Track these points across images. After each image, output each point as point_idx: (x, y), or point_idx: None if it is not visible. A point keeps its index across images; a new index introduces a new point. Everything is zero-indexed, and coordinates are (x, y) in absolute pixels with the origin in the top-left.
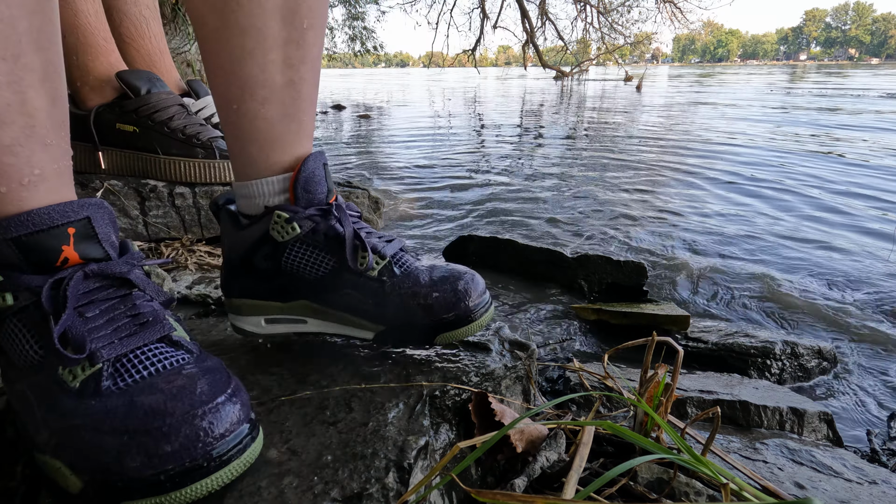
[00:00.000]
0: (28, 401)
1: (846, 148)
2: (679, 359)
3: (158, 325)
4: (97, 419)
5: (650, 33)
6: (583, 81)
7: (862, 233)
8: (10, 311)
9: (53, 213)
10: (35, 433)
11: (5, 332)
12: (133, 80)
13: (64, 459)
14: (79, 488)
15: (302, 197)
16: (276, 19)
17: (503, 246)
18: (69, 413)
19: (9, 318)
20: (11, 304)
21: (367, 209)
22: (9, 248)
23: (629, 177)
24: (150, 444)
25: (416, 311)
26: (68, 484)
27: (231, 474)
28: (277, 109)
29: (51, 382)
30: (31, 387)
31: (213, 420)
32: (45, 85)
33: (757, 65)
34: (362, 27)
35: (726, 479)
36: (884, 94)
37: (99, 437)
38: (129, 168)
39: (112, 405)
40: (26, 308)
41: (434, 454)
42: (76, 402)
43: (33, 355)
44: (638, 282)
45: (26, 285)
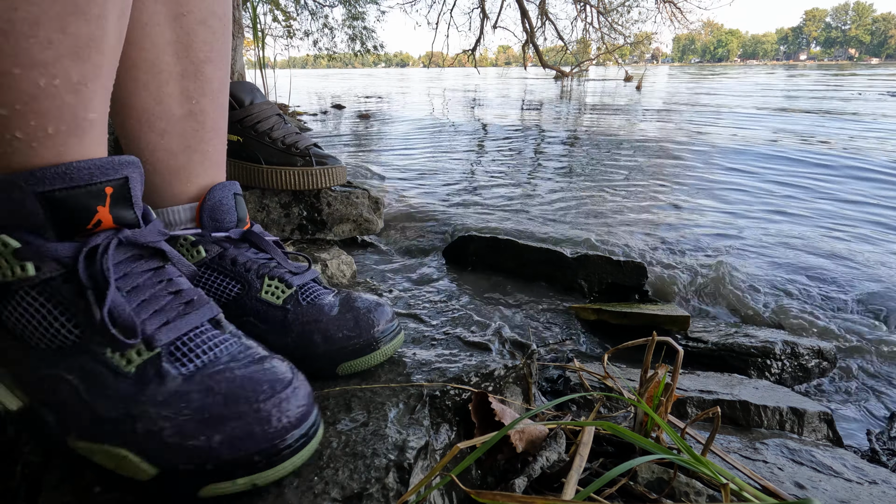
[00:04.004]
0: (64, 386)
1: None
2: (679, 359)
3: (206, 307)
4: (173, 406)
5: (650, 33)
6: (583, 81)
7: (863, 233)
8: (28, 284)
9: (94, 167)
10: (76, 421)
11: (17, 307)
12: (238, 92)
13: (132, 447)
14: (151, 476)
15: (209, 224)
16: (169, 53)
17: (503, 246)
18: (132, 399)
19: (23, 292)
20: (32, 276)
21: (368, 209)
22: (33, 205)
23: (629, 177)
24: (242, 427)
25: (315, 339)
26: (137, 472)
27: (307, 454)
28: (178, 141)
29: (99, 366)
30: (70, 370)
31: (293, 403)
32: (120, 21)
33: (757, 64)
34: (362, 27)
35: (726, 479)
36: None
37: (179, 423)
38: (234, 177)
39: (185, 391)
40: (51, 281)
41: (434, 454)
42: (138, 388)
43: (65, 336)
44: (638, 282)
45: (53, 254)
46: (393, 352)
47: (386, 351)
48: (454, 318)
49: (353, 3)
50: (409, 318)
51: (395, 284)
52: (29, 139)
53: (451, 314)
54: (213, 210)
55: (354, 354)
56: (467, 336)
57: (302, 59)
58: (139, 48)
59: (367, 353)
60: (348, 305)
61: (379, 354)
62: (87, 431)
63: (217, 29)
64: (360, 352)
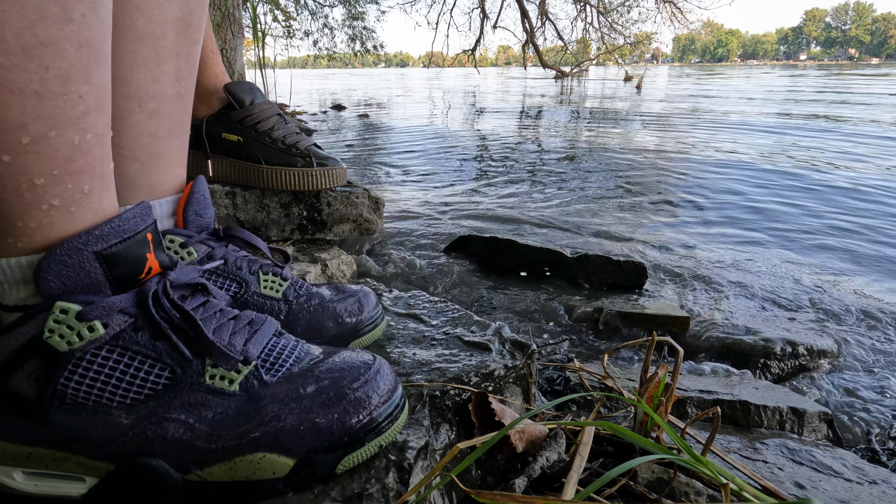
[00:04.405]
0: (172, 426)
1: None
2: (679, 359)
3: (268, 322)
4: (292, 401)
5: (650, 33)
6: (583, 81)
7: (865, 234)
8: (96, 345)
9: (137, 217)
10: (197, 452)
11: (86, 374)
12: (238, 92)
13: (267, 448)
14: (290, 467)
15: (193, 220)
16: (173, 30)
17: (503, 246)
18: (251, 410)
19: (90, 355)
20: (102, 335)
21: (368, 209)
22: (92, 266)
23: (629, 176)
24: (362, 399)
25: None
26: (276, 469)
27: (406, 414)
28: (164, 123)
29: (202, 395)
30: (174, 410)
31: (389, 373)
32: None
33: (757, 64)
34: (362, 27)
35: (726, 479)
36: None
37: (306, 412)
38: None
39: (295, 387)
40: (121, 334)
41: (434, 454)
42: (251, 399)
43: (155, 380)
44: (638, 282)
45: (118, 307)
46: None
47: (383, 326)
48: (454, 318)
49: (353, 3)
50: (409, 318)
51: (395, 284)
52: (67, 204)
53: (451, 314)
54: (198, 204)
55: (361, 333)
56: (467, 336)
57: (302, 59)
58: (149, 20)
59: (372, 330)
60: (342, 290)
61: (379, 330)
62: (214, 456)
63: (206, 10)
64: (366, 330)
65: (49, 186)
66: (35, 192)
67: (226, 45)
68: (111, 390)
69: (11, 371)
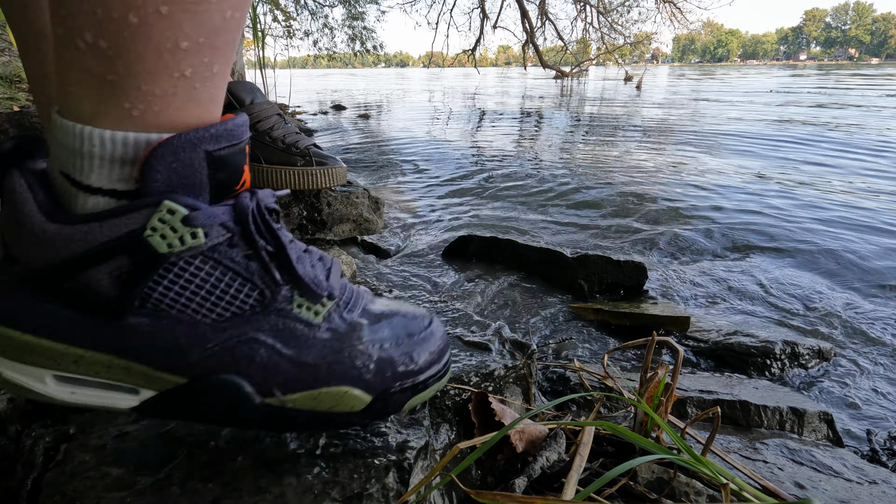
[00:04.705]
0: (259, 347)
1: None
2: (679, 359)
3: (336, 262)
4: (375, 341)
5: (650, 33)
6: (583, 81)
7: (866, 236)
8: (191, 254)
9: (242, 125)
10: (281, 376)
11: (177, 281)
12: (238, 92)
13: (352, 383)
14: (366, 404)
15: None
16: None
17: (503, 246)
18: (336, 343)
19: (184, 263)
20: (202, 243)
21: (368, 209)
22: (201, 167)
23: (629, 176)
24: (430, 348)
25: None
26: (354, 404)
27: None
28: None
29: (291, 322)
30: (262, 331)
31: (442, 329)
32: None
33: (757, 64)
34: (362, 27)
35: (726, 479)
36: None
37: (387, 353)
38: None
39: (375, 328)
40: (218, 247)
41: (434, 454)
42: (335, 334)
43: (243, 300)
44: (638, 282)
45: (219, 219)
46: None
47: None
48: (454, 318)
49: (353, 3)
50: None
51: (394, 284)
52: (194, 79)
53: (450, 314)
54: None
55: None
56: (467, 336)
57: (302, 59)
58: None
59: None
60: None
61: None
62: (302, 383)
63: None
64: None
65: (189, 54)
66: (175, 56)
67: None
68: (199, 302)
69: (91, 264)
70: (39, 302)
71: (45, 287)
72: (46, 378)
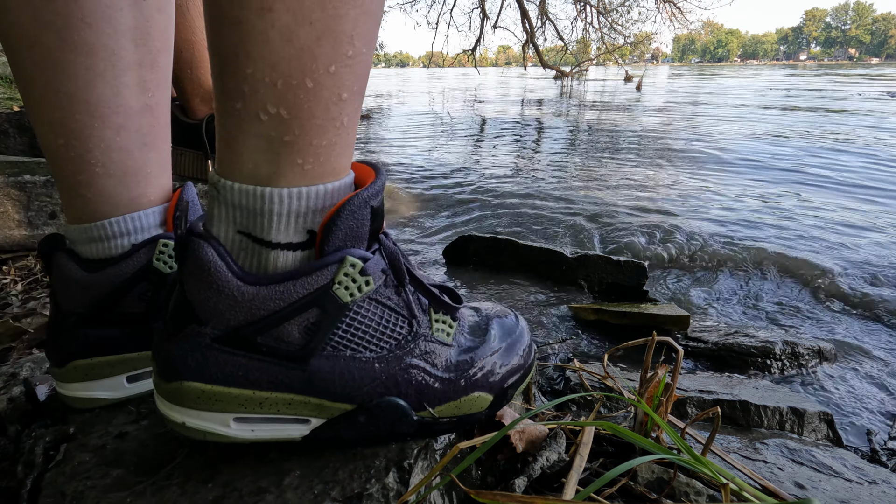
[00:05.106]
0: (415, 371)
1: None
2: (679, 359)
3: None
4: (490, 351)
5: (650, 33)
6: (583, 81)
7: (865, 236)
8: (362, 297)
9: (384, 177)
10: (432, 393)
11: (352, 323)
12: None
13: (481, 389)
14: (489, 402)
15: (182, 228)
16: (129, 39)
17: (503, 246)
18: (468, 359)
19: (357, 306)
20: (373, 288)
21: None
22: (365, 219)
23: (629, 177)
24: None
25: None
26: (482, 405)
27: None
28: (135, 138)
29: (432, 345)
30: (415, 356)
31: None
32: None
33: (757, 64)
34: None
35: (726, 479)
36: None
37: (505, 360)
38: None
39: (487, 340)
40: (379, 288)
41: (434, 454)
42: (463, 351)
43: (399, 332)
44: (638, 282)
45: (381, 266)
46: None
47: None
48: None
49: None
50: None
51: None
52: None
53: None
54: (189, 211)
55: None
56: None
57: None
58: (97, 32)
59: None
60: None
61: None
62: (444, 396)
63: (170, 17)
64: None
65: (347, 103)
66: (338, 107)
67: None
68: (367, 339)
69: (286, 319)
70: (231, 356)
71: (237, 343)
72: (230, 422)
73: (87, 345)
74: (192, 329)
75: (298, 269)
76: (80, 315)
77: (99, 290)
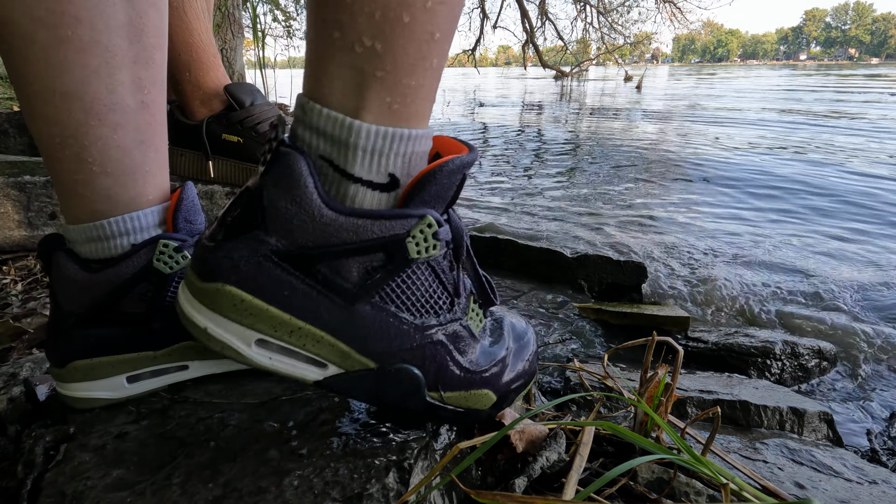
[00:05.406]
0: (441, 349)
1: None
2: (679, 359)
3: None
4: (506, 355)
5: (650, 33)
6: (583, 81)
7: (866, 235)
8: (426, 259)
9: None
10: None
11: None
12: (238, 94)
13: (489, 386)
14: (493, 402)
15: (184, 227)
16: (122, 36)
17: (503, 246)
18: (487, 354)
19: (415, 266)
20: (437, 254)
21: None
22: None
23: (629, 176)
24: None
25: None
26: (486, 403)
27: None
28: (132, 136)
29: (463, 330)
30: (444, 335)
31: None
32: None
33: (757, 64)
34: None
35: (726, 479)
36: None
37: (514, 363)
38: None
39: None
40: (438, 257)
41: (434, 454)
42: (484, 345)
43: (440, 306)
44: (638, 282)
45: (449, 235)
46: None
47: None
48: None
49: None
50: None
51: None
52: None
53: None
54: (189, 211)
55: None
56: None
57: (302, 59)
58: (90, 29)
59: None
60: None
61: None
62: (458, 383)
63: (164, 13)
64: None
65: (439, 43)
66: (430, 46)
67: (226, 45)
68: (413, 301)
69: (352, 253)
70: (285, 274)
71: (296, 264)
72: (252, 342)
73: (87, 345)
74: (255, 235)
75: (381, 211)
76: (80, 315)
77: (99, 290)
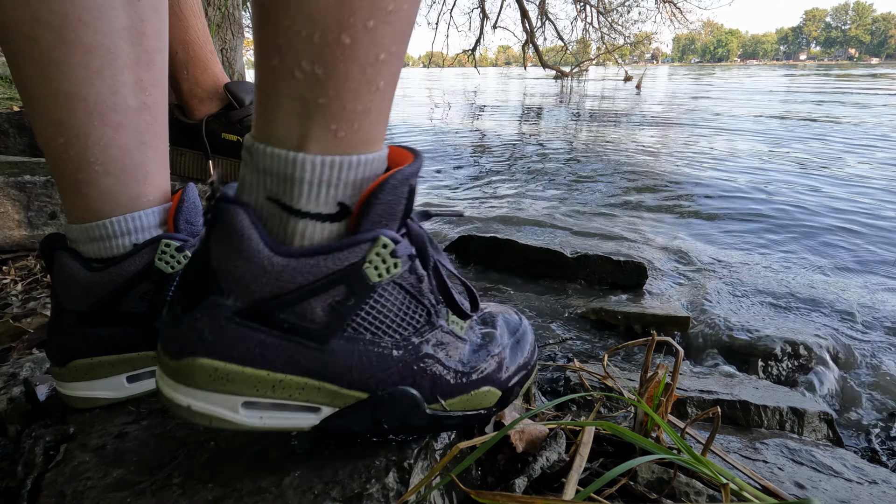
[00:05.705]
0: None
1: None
2: (679, 359)
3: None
4: (500, 347)
5: (650, 33)
6: (582, 81)
7: (866, 234)
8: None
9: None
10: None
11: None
12: (238, 92)
13: (491, 383)
14: (497, 398)
15: (184, 228)
16: (124, 39)
17: (503, 246)
18: (478, 353)
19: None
20: (400, 272)
21: None
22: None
23: (629, 176)
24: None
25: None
26: (491, 400)
27: None
28: (133, 136)
29: (447, 336)
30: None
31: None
32: None
33: (757, 64)
34: None
35: (726, 479)
36: None
37: (512, 357)
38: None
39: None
40: (404, 273)
41: (434, 454)
42: (474, 345)
43: (418, 319)
44: (638, 282)
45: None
46: None
47: None
48: None
49: None
50: None
51: None
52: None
53: None
54: (190, 212)
55: None
56: None
57: None
58: (93, 31)
59: None
60: None
61: None
62: (455, 388)
63: (164, 18)
64: None
65: (385, 65)
66: (375, 68)
67: (226, 45)
68: (387, 324)
69: (313, 294)
70: (250, 331)
71: (259, 318)
72: (238, 406)
73: (87, 344)
74: (212, 301)
75: (331, 244)
76: (82, 314)
77: (100, 289)
